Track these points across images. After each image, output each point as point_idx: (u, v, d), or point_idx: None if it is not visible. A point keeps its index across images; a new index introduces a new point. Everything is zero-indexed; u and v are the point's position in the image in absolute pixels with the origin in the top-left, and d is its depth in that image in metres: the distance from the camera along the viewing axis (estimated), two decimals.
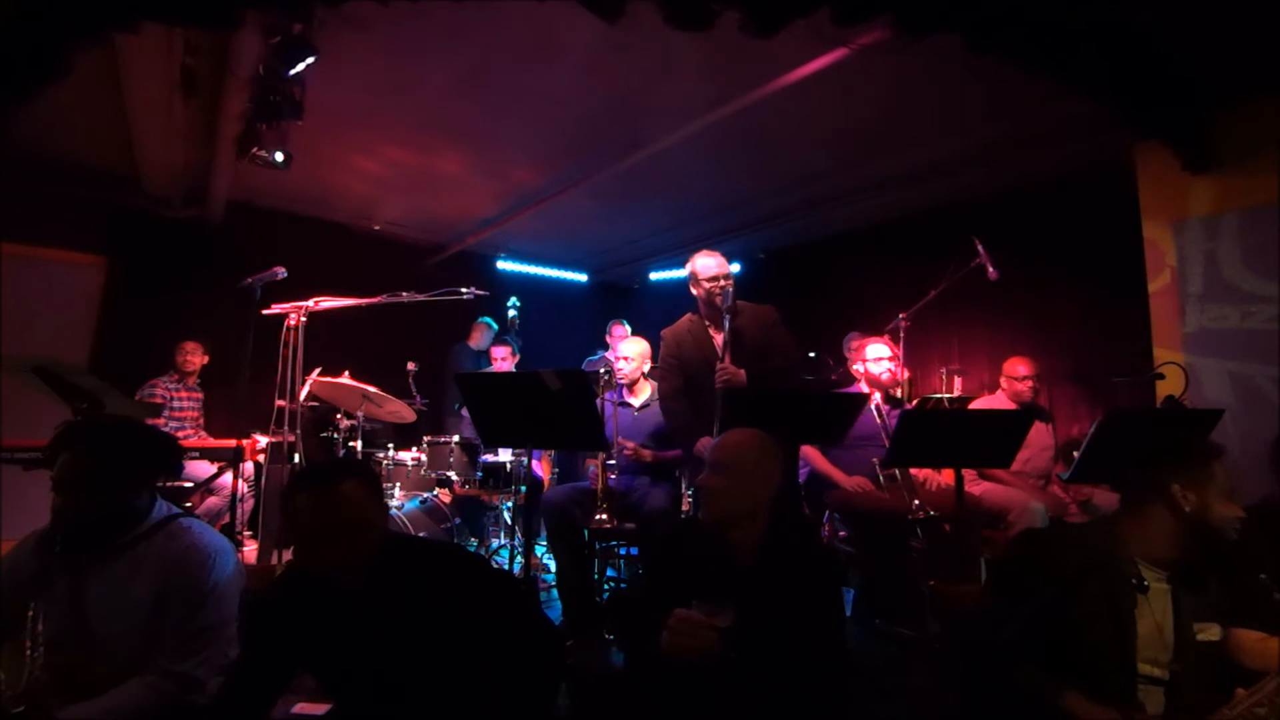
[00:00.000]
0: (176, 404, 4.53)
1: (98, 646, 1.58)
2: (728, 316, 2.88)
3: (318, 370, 3.72)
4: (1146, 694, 1.49)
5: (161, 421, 4.33)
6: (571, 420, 2.49)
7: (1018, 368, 3.66)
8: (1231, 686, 1.49)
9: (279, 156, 3.49)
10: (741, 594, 1.55)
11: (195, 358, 4.66)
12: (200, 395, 4.72)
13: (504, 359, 4.90)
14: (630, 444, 3.35)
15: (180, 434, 4.44)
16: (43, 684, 1.56)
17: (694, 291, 3.09)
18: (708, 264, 3.01)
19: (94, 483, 1.57)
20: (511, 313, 3.64)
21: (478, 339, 5.72)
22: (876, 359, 3.54)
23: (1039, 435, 3.62)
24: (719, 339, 2.98)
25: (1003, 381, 3.75)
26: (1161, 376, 3.29)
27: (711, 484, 1.71)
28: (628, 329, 5.55)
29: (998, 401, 3.76)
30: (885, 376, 3.53)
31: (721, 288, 2.95)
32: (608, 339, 5.60)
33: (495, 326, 5.69)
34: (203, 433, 4.65)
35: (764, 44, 2.62)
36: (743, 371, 2.81)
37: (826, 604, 1.70)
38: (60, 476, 1.56)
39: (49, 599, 1.62)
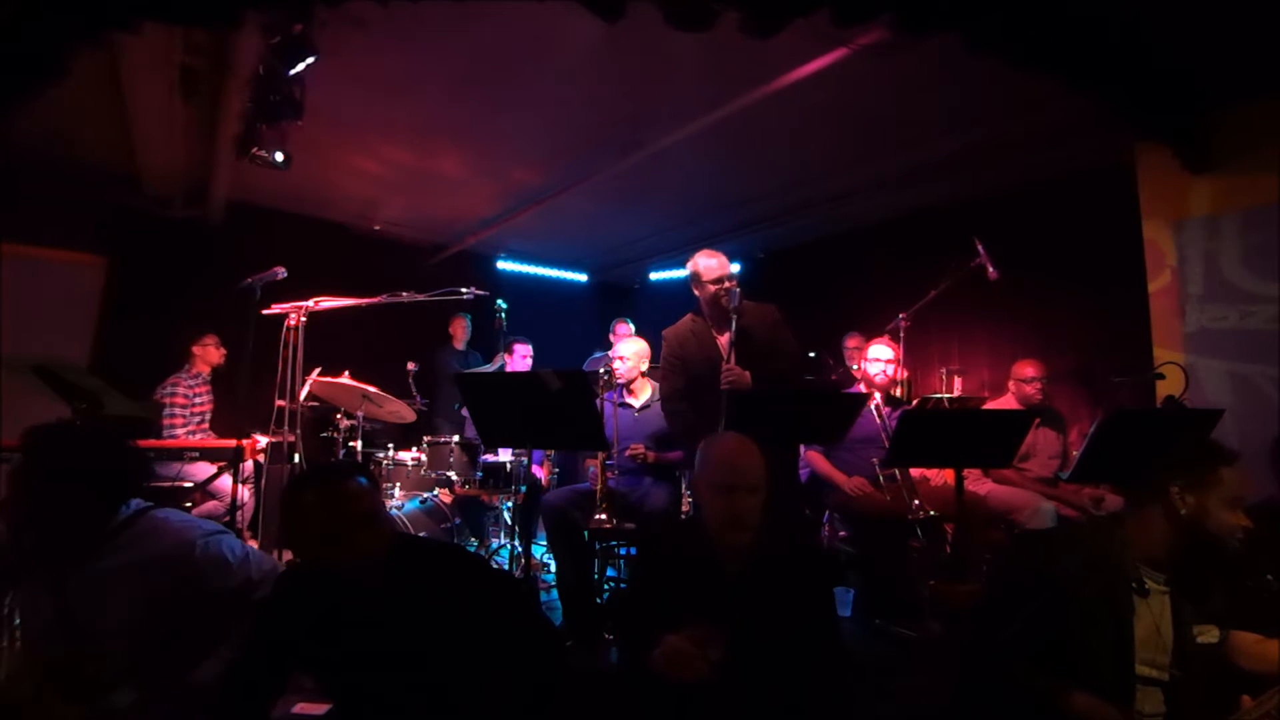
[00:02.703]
0: (198, 400, 4.52)
1: (90, 644, 1.55)
2: (734, 317, 2.87)
3: (318, 370, 3.72)
4: (1145, 695, 1.49)
5: (180, 420, 4.34)
6: (571, 420, 2.49)
7: (1025, 370, 3.62)
8: (1231, 689, 1.49)
9: (279, 156, 3.49)
10: (733, 599, 1.55)
11: (219, 350, 4.65)
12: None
13: (526, 356, 4.95)
14: (639, 448, 3.35)
15: (199, 429, 4.46)
16: (33, 682, 1.53)
17: (696, 292, 3.07)
18: (710, 265, 2.99)
19: (30, 492, 1.53)
20: (499, 315, 3.70)
21: (460, 337, 5.74)
22: (875, 360, 3.54)
23: (1047, 442, 3.60)
24: (723, 339, 2.97)
25: (1011, 384, 3.72)
26: (1161, 376, 3.28)
27: (756, 506, 1.62)
28: (631, 328, 5.55)
29: (1006, 404, 3.72)
30: (880, 379, 3.53)
31: (727, 289, 2.92)
32: (611, 338, 5.61)
33: (469, 319, 5.73)
34: (210, 431, 4.64)
35: (764, 44, 2.62)
36: (748, 374, 2.80)
37: (819, 604, 1.68)
38: (16, 479, 1.55)
39: (28, 594, 1.60)
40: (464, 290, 3.55)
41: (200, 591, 1.60)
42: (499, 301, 3.66)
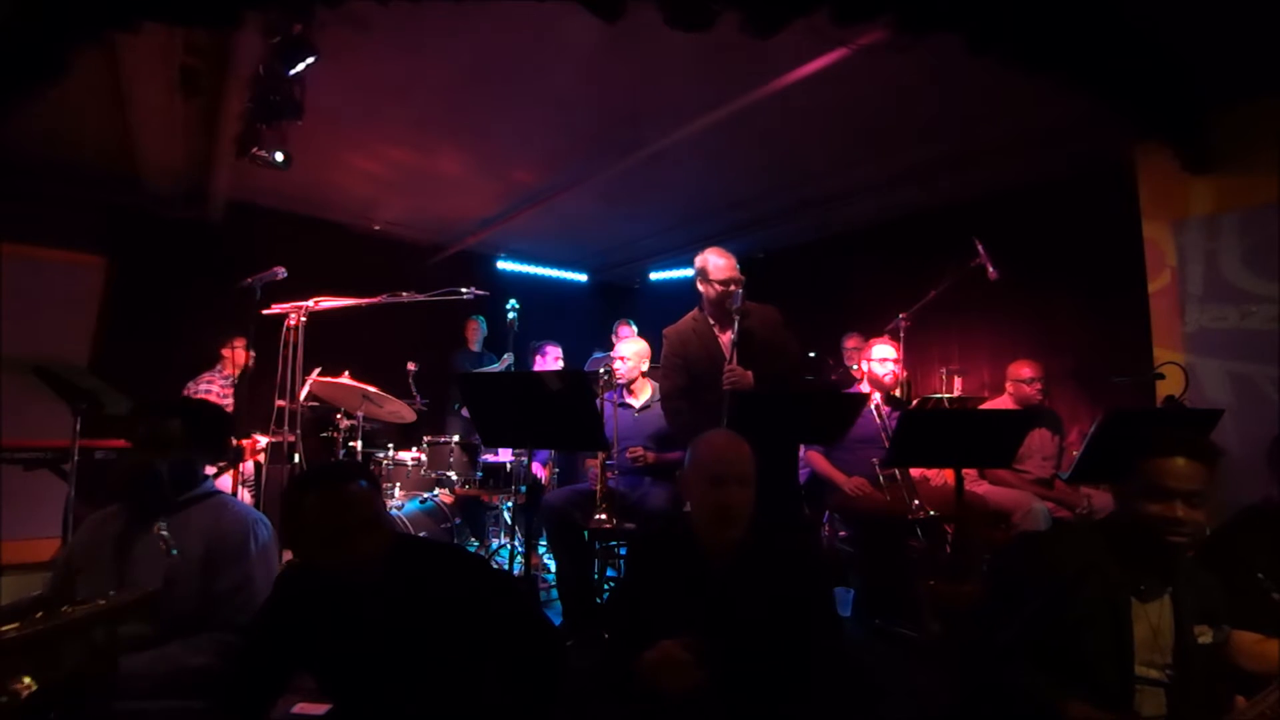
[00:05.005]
0: (227, 401, 4.53)
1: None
2: (736, 318, 2.86)
3: (318, 370, 3.72)
4: (1146, 696, 1.49)
5: None
6: (571, 420, 2.49)
7: (1023, 370, 3.62)
8: (1232, 689, 1.49)
9: (279, 156, 3.49)
10: (721, 599, 1.54)
11: (248, 353, 4.66)
12: None
13: (558, 359, 4.95)
14: (639, 450, 3.34)
15: None
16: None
17: (701, 288, 3.05)
18: (720, 264, 2.96)
19: (168, 445, 1.76)
20: (511, 315, 3.68)
21: (473, 339, 5.75)
22: (882, 359, 3.53)
23: (1042, 443, 3.60)
24: (725, 339, 2.97)
25: (1008, 385, 3.71)
26: (1161, 376, 3.29)
27: (745, 500, 1.61)
28: (634, 329, 5.54)
29: (1003, 405, 3.71)
30: (888, 379, 3.53)
31: (731, 291, 2.92)
32: (613, 339, 5.61)
33: (483, 321, 5.73)
34: None
35: (764, 44, 2.62)
36: (750, 374, 2.80)
37: (813, 604, 1.64)
38: (142, 436, 1.77)
39: (95, 544, 1.74)
40: (464, 290, 3.55)
41: (227, 575, 1.70)
42: (511, 301, 3.66)
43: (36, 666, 1.45)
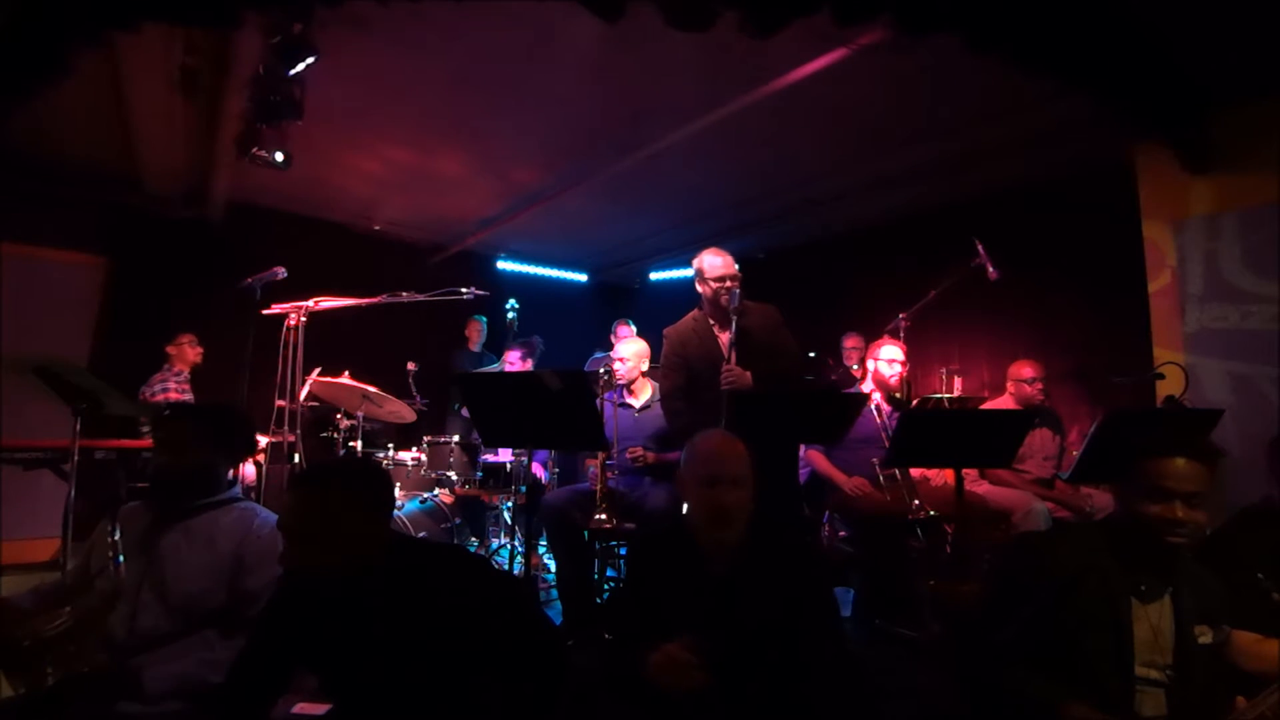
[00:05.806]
0: (188, 398, 4.52)
1: (174, 609, 1.70)
2: (734, 317, 2.86)
3: (318, 370, 3.72)
4: (1146, 697, 1.49)
5: None
6: (571, 420, 2.49)
7: (1024, 370, 3.61)
8: (1232, 690, 1.48)
9: (279, 156, 3.49)
10: (720, 600, 1.54)
11: (195, 349, 4.67)
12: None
13: (513, 364, 4.91)
14: (639, 450, 3.34)
15: None
16: (126, 646, 1.64)
17: (700, 289, 3.06)
18: (715, 263, 2.97)
19: (187, 447, 1.81)
20: (510, 315, 3.65)
21: (475, 340, 5.75)
22: (890, 360, 3.53)
23: (1043, 443, 3.60)
24: (724, 338, 2.97)
25: (1010, 385, 3.70)
26: (1161, 376, 3.29)
27: (740, 500, 1.62)
28: (633, 329, 5.54)
29: (1004, 405, 3.70)
30: (894, 380, 3.53)
31: (728, 289, 2.92)
32: (612, 339, 5.61)
33: (485, 321, 5.74)
34: None
35: (764, 44, 2.62)
36: (749, 374, 2.80)
37: (813, 604, 1.64)
38: (162, 439, 1.84)
39: (133, 561, 1.76)
40: (464, 290, 3.55)
41: (258, 573, 1.75)
42: (511, 301, 3.65)
43: (60, 659, 1.48)
